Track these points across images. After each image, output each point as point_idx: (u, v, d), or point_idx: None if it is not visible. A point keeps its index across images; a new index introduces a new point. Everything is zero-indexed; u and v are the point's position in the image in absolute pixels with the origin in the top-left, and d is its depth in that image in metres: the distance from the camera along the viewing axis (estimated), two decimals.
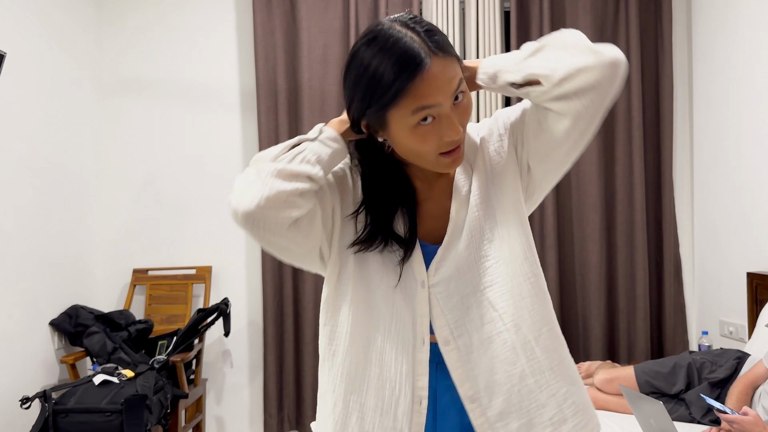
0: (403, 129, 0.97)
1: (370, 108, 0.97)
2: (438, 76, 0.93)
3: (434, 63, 0.93)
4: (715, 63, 3.27)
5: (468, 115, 1.00)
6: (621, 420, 2.43)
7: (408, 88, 0.93)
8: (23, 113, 2.83)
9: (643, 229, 3.41)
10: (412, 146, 0.98)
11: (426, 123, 0.95)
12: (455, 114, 0.97)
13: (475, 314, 1.03)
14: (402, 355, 1.04)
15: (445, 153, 0.98)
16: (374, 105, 0.96)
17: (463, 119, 0.98)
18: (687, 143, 3.55)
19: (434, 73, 0.93)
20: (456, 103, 0.97)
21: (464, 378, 1.03)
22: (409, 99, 0.93)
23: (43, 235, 2.96)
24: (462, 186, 1.07)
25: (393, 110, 0.95)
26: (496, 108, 3.37)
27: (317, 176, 1.00)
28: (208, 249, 3.51)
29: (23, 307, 2.81)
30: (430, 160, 0.99)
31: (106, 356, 2.90)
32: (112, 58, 3.53)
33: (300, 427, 3.41)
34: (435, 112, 0.95)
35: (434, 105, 0.94)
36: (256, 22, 3.40)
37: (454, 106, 0.97)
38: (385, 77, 0.93)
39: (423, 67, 0.92)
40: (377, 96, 0.95)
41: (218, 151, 3.53)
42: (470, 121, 1.03)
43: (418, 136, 0.96)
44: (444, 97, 0.94)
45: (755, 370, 2.26)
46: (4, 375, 2.66)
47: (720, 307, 3.26)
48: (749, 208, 3.00)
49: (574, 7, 3.47)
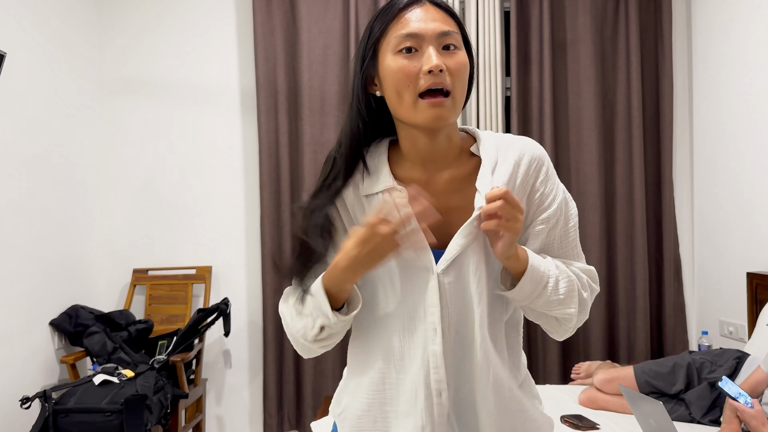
0: (388, 59, 1.00)
1: (367, 47, 1.02)
2: (426, 15, 0.99)
3: (427, 5, 1.00)
4: (715, 63, 3.27)
5: (461, 71, 1.00)
6: (621, 420, 2.44)
7: (398, 14, 0.99)
8: (23, 113, 2.83)
9: (643, 229, 3.41)
10: (395, 81, 0.99)
11: (409, 54, 0.98)
12: (442, 56, 0.98)
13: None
14: (416, 350, 1.03)
15: (425, 96, 0.97)
16: (371, 40, 1.02)
17: (454, 69, 0.99)
18: (687, 143, 3.55)
19: (424, 10, 1.00)
20: (446, 51, 0.99)
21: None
22: (397, 25, 0.99)
23: (44, 235, 2.96)
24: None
25: (383, 40, 1.01)
26: (496, 114, 3.37)
27: (332, 324, 1.00)
28: (208, 249, 3.51)
29: (23, 307, 2.81)
30: (411, 103, 0.98)
31: (106, 356, 2.90)
32: (112, 58, 3.53)
33: (300, 427, 3.41)
34: (417, 44, 0.98)
35: (417, 33, 0.98)
36: (256, 22, 3.40)
37: (443, 50, 0.99)
38: (383, 11, 1.02)
39: (412, 2, 1.00)
40: (375, 29, 1.02)
41: (218, 151, 3.53)
42: (469, 124, 1.04)
43: (400, 65, 0.98)
44: (428, 30, 0.98)
45: (755, 376, 2.23)
46: (4, 375, 2.66)
47: (720, 307, 3.26)
48: (749, 208, 3.00)
49: (574, 7, 3.47)
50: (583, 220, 3.44)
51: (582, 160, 3.44)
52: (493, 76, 3.38)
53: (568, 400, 2.69)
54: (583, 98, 3.45)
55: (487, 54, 3.39)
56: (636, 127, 3.42)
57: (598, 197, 3.41)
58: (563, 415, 2.45)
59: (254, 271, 3.52)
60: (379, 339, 1.06)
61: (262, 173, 3.41)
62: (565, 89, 3.49)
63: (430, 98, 0.97)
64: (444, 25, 0.99)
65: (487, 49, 3.39)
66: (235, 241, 3.53)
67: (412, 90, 0.98)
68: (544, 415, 1.13)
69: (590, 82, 3.43)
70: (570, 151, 3.47)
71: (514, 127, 3.39)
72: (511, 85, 3.42)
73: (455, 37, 1.00)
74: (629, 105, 3.44)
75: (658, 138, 3.50)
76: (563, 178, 3.46)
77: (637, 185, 3.41)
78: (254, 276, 3.52)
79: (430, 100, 0.97)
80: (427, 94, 0.97)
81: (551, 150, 3.39)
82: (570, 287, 1.02)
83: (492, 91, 3.38)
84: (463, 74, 1.00)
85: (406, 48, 0.98)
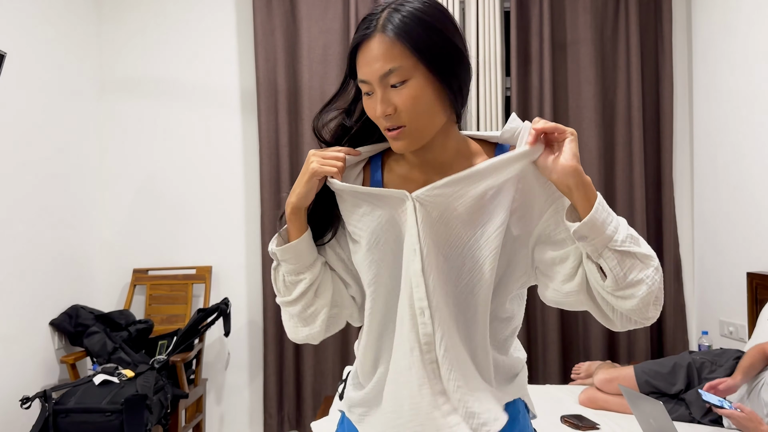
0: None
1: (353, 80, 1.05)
2: (370, 55, 0.98)
3: (374, 39, 0.98)
4: (715, 63, 3.27)
5: (408, 105, 0.98)
6: (621, 420, 2.44)
7: (357, 54, 1.01)
8: (23, 113, 2.83)
9: (643, 229, 3.41)
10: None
11: (369, 96, 1.02)
12: (390, 95, 0.98)
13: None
14: (402, 277, 1.05)
15: (387, 130, 1.02)
16: (351, 74, 1.05)
17: (401, 106, 0.98)
18: (687, 143, 3.55)
19: (370, 47, 0.98)
20: (393, 89, 0.98)
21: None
22: (358, 65, 1.01)
23: (43, 235, 2.96)
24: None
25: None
26: (496, 114, 3.37)
27: (281, 255, 1.08)
28: (208, 249, 3.51)
29: (23, 307, 2.81)
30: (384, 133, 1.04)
31: (106, 356, 2.90)
32: (112, 58, 3.53)
33: (300, 427, 3.41)
34: (370, 88, 1.00)
35: (365, 80, 1.00)
36: (256, 22, 3.40)
37: (391, 88, 0.98)
38: (350, 48, 1.03)
39: (363, 38, 0.99)
40: (349, 64, 1.04)
41: (218, 151, 3.53)
42: (469, 124, 1.04)
43: (366, 106, 1.03)
44: (372, 75, 0.98)
45: (751, 354, 2.28)
46: (4, 375, 2.66)
47: (720, 307, 3.26)
48: (749, 208, 3.00)
49: (574, 7, 3.47)
50: None
51: (582, 160, 3.40)
52: (493, 76, 3.38)
53: (568, 400, 2.69)
54: (583, 98, 3.45)
55: (487, 54, 3.39)
56: (636, 127, 3.42)
57: None
58: (563, 415, 2.45)
59: (254, 271, 3.52)
60: (377, 285, 1.09)
61: (262, 173, 3.41)
62: (565, 89, 3.49)
63: (389, 132, 1.02)
64: (385, 63, 0.97)
65: (487, 49, 3.39)
66: (235, 241, 3.53)
67: (382, 126, 1.03)
68: (507, 371, 1.13)
69: (590, 82, 3.43)
70: None
71: None
72: (511, 85, 3.42)
73: (400, 72, 0.97)
74: (629, 105, 3.44)
75: (658, 138, 3.50)
76: None
77: (637, 185, 3.42)
78: (254, 276, 3.52)
79: (389, 134, 1.03)
80: (387, 130, 1.03)
81: None
82: (640, 240, 0.98)
83: (492, 91, 3.38)
84: (413, 106, 0.98)
85: (366, 93, 1.02)
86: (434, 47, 0.97)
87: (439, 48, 0.98)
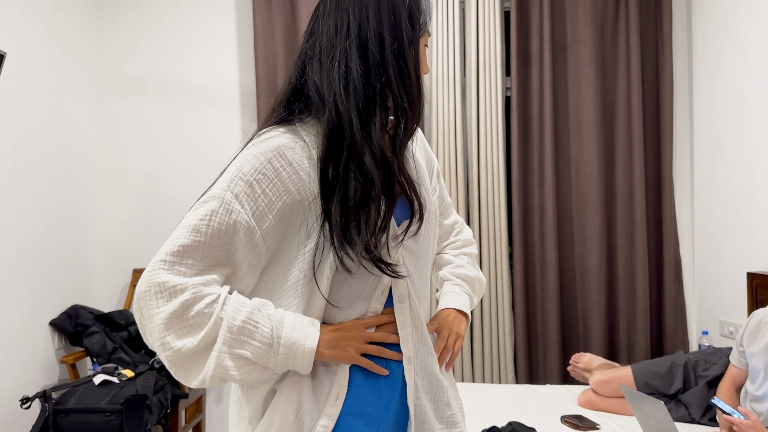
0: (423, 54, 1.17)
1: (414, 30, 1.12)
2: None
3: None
4: (715, 63, 3.27)
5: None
6: (621, 420, 2.43)
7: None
8: (23, 113, 2.83)
9: (643, 229, 3.41)
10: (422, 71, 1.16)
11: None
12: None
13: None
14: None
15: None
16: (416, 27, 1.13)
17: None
18: (687, 143, 3.55)
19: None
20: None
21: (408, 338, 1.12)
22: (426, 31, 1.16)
23: (43, 235, 2.96)
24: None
25: (421, 39, 1.14)
26: (497, 114, 3.37)
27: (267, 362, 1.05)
28: None
29: (23, 307, 2.81)
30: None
31: (106, 356, 2.90)
32: (112, 58, 3.53)
33: None
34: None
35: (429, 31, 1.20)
36: (256, 22, 3.40)
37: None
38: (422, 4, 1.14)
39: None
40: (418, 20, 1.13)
41: (218, 151, 3.53)
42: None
43: (426, 60, 1.21)
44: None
45: (730, 371, 2.33)
46: (4, 375, 2.66)
47: (720, 307, 3.26)
48: (749, 208, 3.00)
49: (574, 7, 3.47)
50: (584, 220, 3.44)
51: (582, 160, 3.44)
52: (493, 76, 3.38)
53: (568, 400, 2.69)
54: (583, 98, 3.45)
55: (487, 54, 3.39)
56: (636, 127, 3.42)
57: (598, 197, 3.41)
58: (563, 415, 2.45)
59: None
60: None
61: None
62: (565, 89, 3.49)
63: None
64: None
65: (487, 49, 3.39)
66: None
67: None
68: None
69: (590, 82, 3.43)
70: (570, 151, 3.48)
71: (514, 127, 3.39)
72: (511, 85, 3.42)
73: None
74: (629, 105, 3.44)
75: (658, 138, 3.50)
76: (563, 177, 3.47)
77: (637, 185, 3.41)
78: None
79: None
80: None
81: (551, 150, 3.39)
82: (472, 285, 1.33)
83: (492, 91, 3.38)
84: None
85: (425, 45, 1.19)
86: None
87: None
